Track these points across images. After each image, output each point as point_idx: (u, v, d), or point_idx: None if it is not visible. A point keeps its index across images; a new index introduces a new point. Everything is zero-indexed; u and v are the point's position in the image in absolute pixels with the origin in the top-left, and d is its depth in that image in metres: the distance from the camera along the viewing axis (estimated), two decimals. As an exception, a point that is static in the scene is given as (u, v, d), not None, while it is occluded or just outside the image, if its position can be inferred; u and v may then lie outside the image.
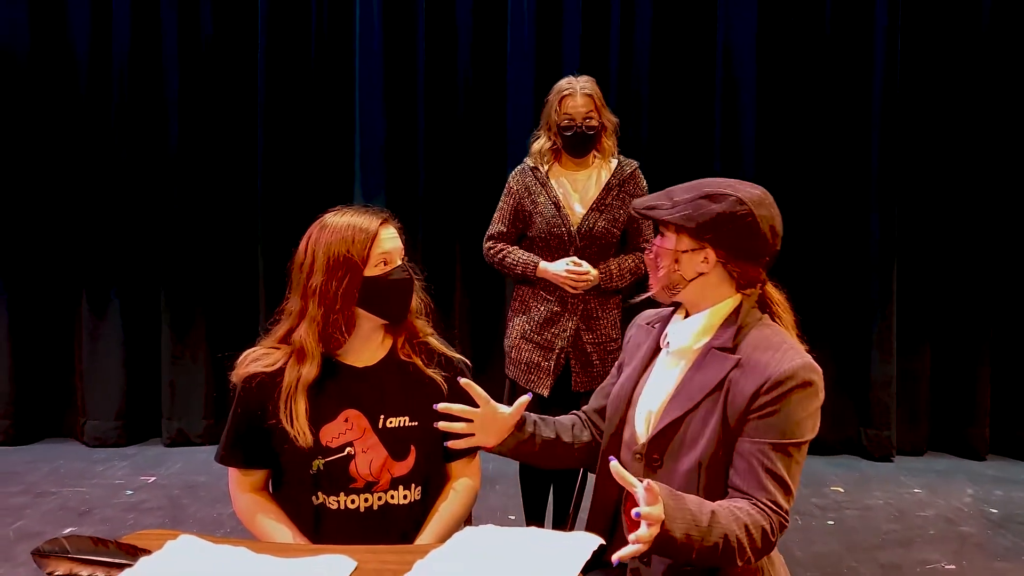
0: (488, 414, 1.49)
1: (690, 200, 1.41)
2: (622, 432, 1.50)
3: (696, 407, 1.38)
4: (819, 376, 1.37)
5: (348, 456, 1.56)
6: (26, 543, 2.99)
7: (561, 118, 2.60)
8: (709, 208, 1.39)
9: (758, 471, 1.31)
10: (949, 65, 4.11)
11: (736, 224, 1.38)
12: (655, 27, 4.12)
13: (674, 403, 1.41)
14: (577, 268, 2.59)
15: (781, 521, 1.31)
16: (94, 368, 4.20)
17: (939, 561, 2.94)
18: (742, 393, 1.35)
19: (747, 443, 1.34)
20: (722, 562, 1.26)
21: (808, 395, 1.34)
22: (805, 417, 1.34)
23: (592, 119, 2.60)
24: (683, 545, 1.21)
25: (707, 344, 1.42)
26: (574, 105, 2.59)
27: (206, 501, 3.45)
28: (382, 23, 4.13)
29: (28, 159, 4.16)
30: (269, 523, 1.59)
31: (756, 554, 1.28)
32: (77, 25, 4.15)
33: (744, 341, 1.39)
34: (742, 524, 1.26)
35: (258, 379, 1.58)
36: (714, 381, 1.38)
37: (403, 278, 1.60)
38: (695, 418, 1.38)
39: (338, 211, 1.62)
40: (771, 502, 1.31)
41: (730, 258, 1.41)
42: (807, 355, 1.38)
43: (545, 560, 1.22)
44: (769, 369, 1.34)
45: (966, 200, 4.12)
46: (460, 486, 1.67)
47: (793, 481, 1.33)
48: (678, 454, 1.39)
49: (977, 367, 4.14)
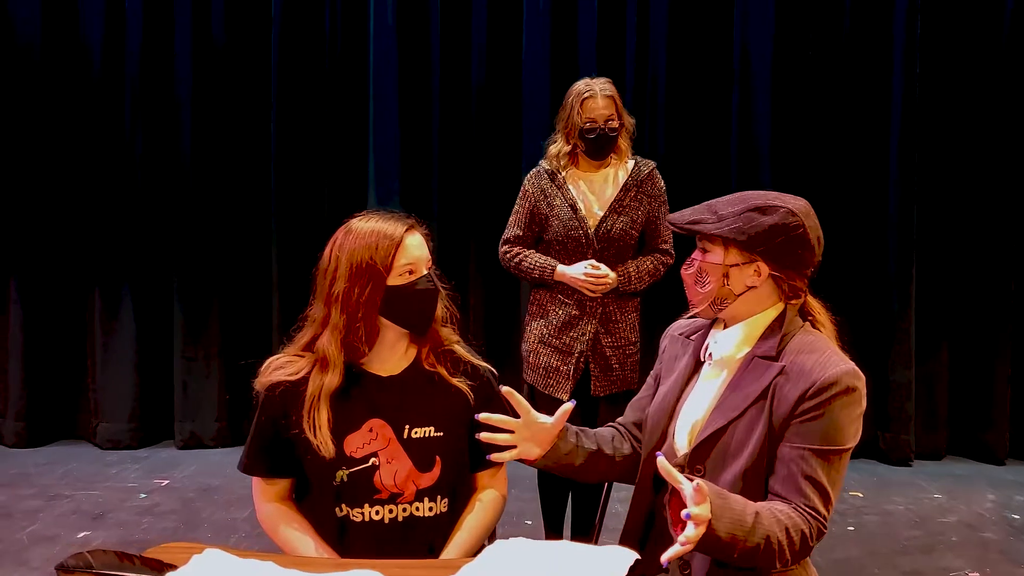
0: (530, 424, 1.45)
1: (738, 213, 1.38)
2: (662, 446, 1.47)
3: (740, 416, 1.36)
4: (863, 383, 1.35)
5: (372, 467, 1.53)
6: (41, 547, 2.98)
7: (584, 121, 2.58)
8: (760, 221, 1.37)
9: (797, 477, 1.30)
10: (968, 69, 4.07)
11: (788, 236, 1.37)
12: (671, 30, 4.08)
13: (717, 413, 1.39)
14: (595, 271, 2.57)
15: (820, 527, 1.29)
16: (107, 370, 4.18)
17: (963, 568, 2.90)
18: (787, 399, 1.33)
19: (787, 448, 1.32)
20: (762, 563, 1.26)
21: (851, 401, 1.32)
22: (847, 424, 1.32)
23: (613, 120, 2.59)
24: (727, 544, 1.21)
25: (750, 353, 1.41)
26: (596, 107, 2.57)
27: (220, 505, 3.43)
28: (396, 23, 4.11)
29: (41, 160, 4.15)
30: (293, 533, 1.56)
31: (794, 556, 1.28)
32: (90, 24, 4.14)
33: (787, 347, 1.38)
34: (783, 527, 1.26)
35: (281, 387, 1.55)
36: (759, 390, 1.36)
37: (427, 288, 1.55)
38: (739, 427, 1.36)
39: (364, 216, 1.59)
40: (810, 507, 1.29)
41: (780, 270, 1.40)
42: (851, 362, 1.36)
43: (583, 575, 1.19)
44: (814, 374, 1.32)
45: (985, 205, 4.08)
46: (487, 497, 1.64)
47: (833, 488, 1.31)
48: (722, 464, 1.38)
49: (995, 371, 4.10)
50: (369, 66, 4.16)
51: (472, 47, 4.15)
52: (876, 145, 4.07)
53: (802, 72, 4.07)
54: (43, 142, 4.15)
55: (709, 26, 4.10)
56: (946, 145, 4.09)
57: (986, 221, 4.08)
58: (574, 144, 2.63)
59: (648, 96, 4.11)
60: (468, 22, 4.14)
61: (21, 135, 4.14)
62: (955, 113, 4.08)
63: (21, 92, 4.13)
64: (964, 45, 4.06)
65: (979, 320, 4.12)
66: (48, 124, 4.14)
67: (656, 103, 4.11)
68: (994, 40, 4.04)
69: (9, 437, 4.18)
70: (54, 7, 4.14)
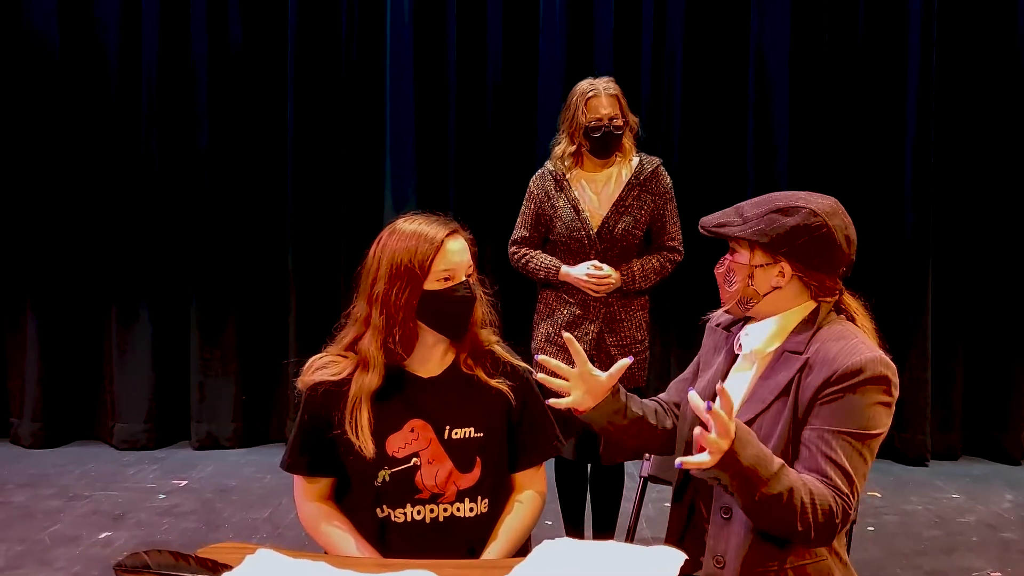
0: (585, 374, 1.46)
1: (762, 215, 1.40)
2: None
3: (766, 409, 1.38)
4: (892, 372, 1.34)
5: (414, 467, 1.54)
6: (63, 547, 2.98)
7: (589, 120, 2.58)
8: (782, 222, 1.38)
9: (817, 457, 1.30)
10: (985, 69, 4.06)
11: (811, 236, 1.38)
12: (687, 30, 4.08)
13: (747, 407, 1.41)
14: (598, 272, 2.58)
15: (844, 507, 1.28)
16: (123, 370, 4.19)
17: (984, 568, 2.91)
18: (810, 386, 1.34)
19: (808, 431, 1.33)
20: (782, 520, 1.25)
21: (877, 389, 1.32)
22: (871, 409, 1.31)
23: (618, 119, 2.60)
24: (748, 475, 1.20)
25: (780, 348, 1.42)
26: (600, 106, 2.58)
27: (240, 506, 3.44)
28: (413, 26, 4.11)
29: (57, 166, 4.15)
30: (334, 531, 1.56)
31: (817, 530, 1.26)
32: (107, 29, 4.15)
33: (814, 338, 1.39)
34: (808, 490, 1.25)
35: (324, 387, 1.56)
36: (784, 382, 1.37)
37: (463, 296, 1.55)
38: (766, 420, 1.38)
39: (409, 217, 1.59)
40: (832, 486, 1.28)
41: (805, 271, 1.40)
42: (878, 350, 1.36)
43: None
44: (838, 361, 1.33)
45: (1001, 204, 4.08)
46: (526, 498, 1.64)
47: (856, 473, 1.30)
48: None
49: (1012, 371, 4.10)
50: (385, 68, 4.15)
51: (488, 48, 4.15)
52: (892, 145, 4.07)
53: (818, 72, 4.06)
54: (58, 151, 4.14)
55: (725, 26, 4.10)
56: (962, 145, 4.09)
57: (1003, 220, 4.08)
58: (579, 144, 2.64)
59: (665, 96, 4.11)
60: (484, 23, 4.14)
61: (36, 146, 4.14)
62: (971, 114, 4.08)
63: (37, 104, 4.13)
64: (980, 44, 4.06)
65: (995, 320, 4.12)
66: (63, 132, 4.14)
67: (673, 103, 4.11)
68: (1010, 39, 4.03)
69: (26, 438, 4.18)
70: (69, 14, 4.13)
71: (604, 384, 1.46)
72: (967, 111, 4.08)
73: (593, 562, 1.25)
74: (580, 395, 1.46)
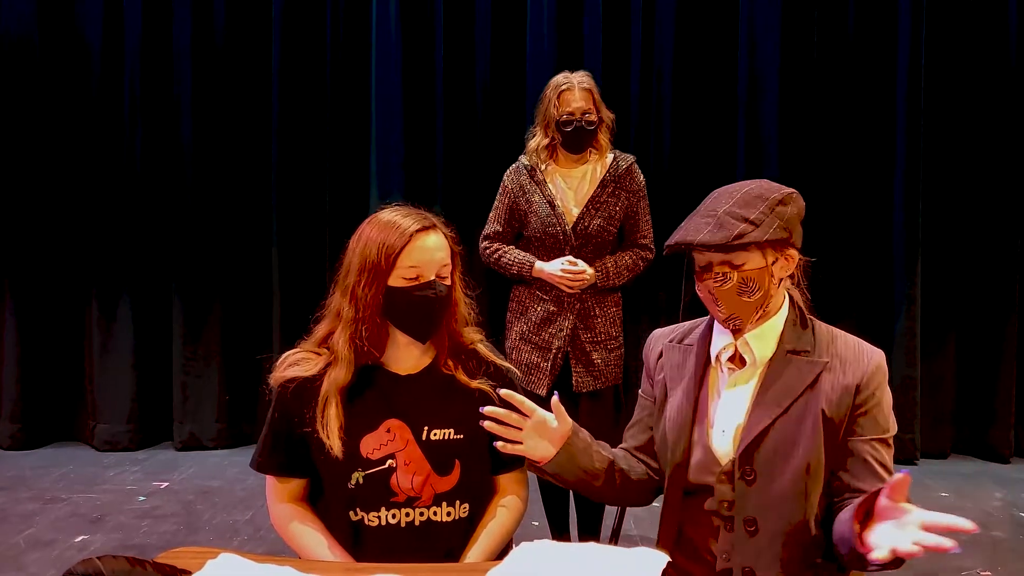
0: (538, 423, 1.41)
1: (769, 211, 1.35)
2: (689, 459, 1.43)
3: (785, 412, 1.35)
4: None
5: (389, 469, 1.48)
6: (37, 551, 2.92)
7: (560, 113, 2.55)
8: (789, 212, 1.38)
9: (874, 466, 1.34)
10: (974, 64, 4.04)
11: (800, 217, 1.42)
12: (677, 29, 4.05)
13: (760, 412, 1.37)
14: (573, 267, 2.55)
15: None
16: (104, 370, 4.12)
17: (975, 567, 2.87)
18: (838, 387, 1.35)
19: (859, 442, 1.35)
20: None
21: (887, 384, 1.39)
22: (889, 406, 1.39)
23: (591, 114, 2.56)
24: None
25: (780, 348, 1.40)
26: (573, 99, 2.55)
27: (221, 507, 3.38)
28: (399, 21, 4.05)
29: (38, 159, 4.10)
30: (306, 532, 1.51)
31: None
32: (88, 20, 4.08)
33: (815, 334, 1.42)
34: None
35: (295, 384, 1.50)
36: (803, 384, 1.36)
37: (425, 296, 1.46)
38: (787, 423, 1.35)
39: (393, 207, 1.53)
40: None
41: (798, 250, 1.43)
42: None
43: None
44: (861, 364, 1.37)
45: (990, 202, 4.06)
46: (508, 502, 1.59)
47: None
48: (773, 462, 1.36)
49: (1001, 369, 4.08)
50: (372, 65, 4.11)
51: (475, 49, 4.10)
52: (881, 143, 4.05)
53: (808, 70, 4.03)
54: (39, 142, 4.09)
55: (715, 24, 4.07)
56: (951, 144, 4.07)
57: (992, 218, 4.06)
58: (552, 137, 2.60)
59: (654, 94, 4.07)
60: (472, 24, 4.09)
61: (16, 136, 4.08)
62: (960, 111, 4.06)
63: (17, 93, 4.07)
64: (969, 43, 4.04)
65: (985, 318, 4.10)
66: (44, 123, 4.08)
67: (662, 101, 4.07)
68: (999, 37, 4.02)
69: (4, 440, 4.11)
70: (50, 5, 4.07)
71: (559, 429, 1.42)
72: (957, 110, 4.06)
73: (572, 564, 1.21)
74: (535, 442, 1.41)
